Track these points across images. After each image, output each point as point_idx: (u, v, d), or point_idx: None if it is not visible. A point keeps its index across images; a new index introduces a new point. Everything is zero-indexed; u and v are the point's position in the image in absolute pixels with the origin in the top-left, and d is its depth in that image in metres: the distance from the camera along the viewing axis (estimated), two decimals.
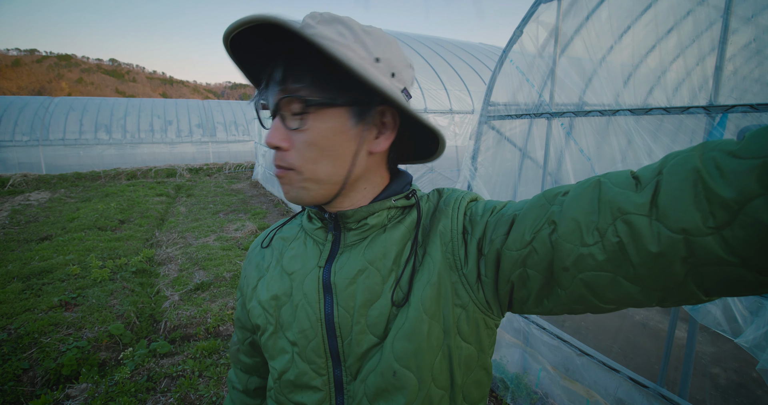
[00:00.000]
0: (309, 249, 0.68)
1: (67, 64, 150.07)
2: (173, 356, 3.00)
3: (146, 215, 7.10)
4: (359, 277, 0.62)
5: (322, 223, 0.68)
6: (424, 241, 0.63)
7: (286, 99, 0.57)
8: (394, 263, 0.62)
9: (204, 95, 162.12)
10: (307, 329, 0.64)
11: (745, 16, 1.62)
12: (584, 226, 0.44)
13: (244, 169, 13.50)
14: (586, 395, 2.15)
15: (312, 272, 0.65)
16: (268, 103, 0.59)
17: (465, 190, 0.67)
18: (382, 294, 0.61)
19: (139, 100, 14.56)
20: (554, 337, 2.35)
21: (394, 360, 0.59)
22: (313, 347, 0.63)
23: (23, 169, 11.07)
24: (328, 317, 0.63)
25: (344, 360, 0.63)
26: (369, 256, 0.63)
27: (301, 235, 0.71)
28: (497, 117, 2.74)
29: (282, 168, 0.59)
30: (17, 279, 4.13)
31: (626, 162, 2.06)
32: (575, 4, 2.32)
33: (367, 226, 0.65)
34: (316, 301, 0.64)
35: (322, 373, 0.64)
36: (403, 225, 0.64)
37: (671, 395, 1.80)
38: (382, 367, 0.60)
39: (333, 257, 0.65)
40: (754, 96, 1.66)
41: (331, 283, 0.64)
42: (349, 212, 0.64)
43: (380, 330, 0.61)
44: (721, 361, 2.83)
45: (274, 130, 0.58)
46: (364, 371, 0.62)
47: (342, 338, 0.63)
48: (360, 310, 0.62)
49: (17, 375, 2.66)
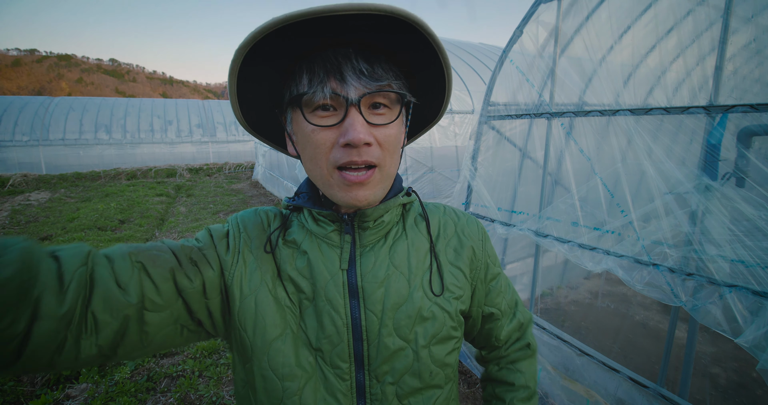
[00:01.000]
0: (325, 253, 0.64)
1: (67, 64, 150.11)
2: (173, 356, 3.00)
3: (146, 215, 7.10)
4: (387, 281, 0.64)
5: (335, 225, 0.65)
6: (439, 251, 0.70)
7: (378, 93, 0.55)
8: (418, 268, 0.66)
9: (204, 95, 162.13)
10: (333, 335, 0.62)
11: (745, 16, 1.62)
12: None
13: (244, 169, 13.50)
14: (586, 395, 2.15)
15: (335, 277, 0.63)
16: (329, 96, 0.53)
17: (479, 224, 0.77)
18: (409, 297, 0.64)
19: (139, 100, 14.56)
20: (554, 337, 2.35)
21: (431, 362, 0.64)
22: (338, 352, 0.62)
23: (23, 169, 11.07)
24: (355, 321, 0.62)
25: (368, 363, 0.63)
26: (395, 260, 0.65)
27: (312, 240, 0.66)
28: (497, 117, 2.74)
29: (368, 166, 0.56)
30: None
31: (626, 162, 2.06)
32: (575, 4, 2.32)
33: (384, 224, 0.66)
34: (342, 306, 0.62)
35: (346, 378, 0.62)
36: (418, 230, 0.70)
37: (671, 395, 1.80)
38: (419, 369, 0.63)
39: (353, 259, 0.64)
40: (754, 96, 1.66)
41: (357, 286, 0.63)
42: (369, 211, 0.63)
43: (406, 333, 0.63)
44: (721, 361, 2.83)
45: (359, 125, 0.54)
46: (396, 373, 0.63)
47: (368, 342, 0.63)
48: (388, 313, 0.63)
49: (17, 375, 2.66)
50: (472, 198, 2.88)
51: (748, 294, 1.49)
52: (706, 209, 1.65)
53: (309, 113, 0.56)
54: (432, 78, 0.63)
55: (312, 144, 0.57)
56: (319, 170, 0.58)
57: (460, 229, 0.73)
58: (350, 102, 0.53)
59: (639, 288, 1.81)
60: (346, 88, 0.53)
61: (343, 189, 0.57)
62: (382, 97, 0.56)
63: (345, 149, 0.54)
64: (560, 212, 2.30)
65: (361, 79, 0.53)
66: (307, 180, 0.70)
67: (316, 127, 0.55)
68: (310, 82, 0.54)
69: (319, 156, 0.57)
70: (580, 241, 2.15)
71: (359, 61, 0.54)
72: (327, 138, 0.55)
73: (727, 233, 1.59)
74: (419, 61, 0.59)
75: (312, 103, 0.55)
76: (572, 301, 3.77)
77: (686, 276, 1.69)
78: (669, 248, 1.77)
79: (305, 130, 0.57)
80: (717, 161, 1.65)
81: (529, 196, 2.75)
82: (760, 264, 1.48)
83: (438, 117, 0.71)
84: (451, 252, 0.71)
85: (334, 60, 0.54)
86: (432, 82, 0.64)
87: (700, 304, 1.62)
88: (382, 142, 0.57)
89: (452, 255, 0.70)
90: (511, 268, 3.27)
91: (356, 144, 0.53)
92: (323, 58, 0.55)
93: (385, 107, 0.57)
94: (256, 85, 0.59)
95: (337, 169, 0.56)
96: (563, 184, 2.61)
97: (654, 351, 2.98)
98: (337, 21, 0.49)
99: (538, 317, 2.53)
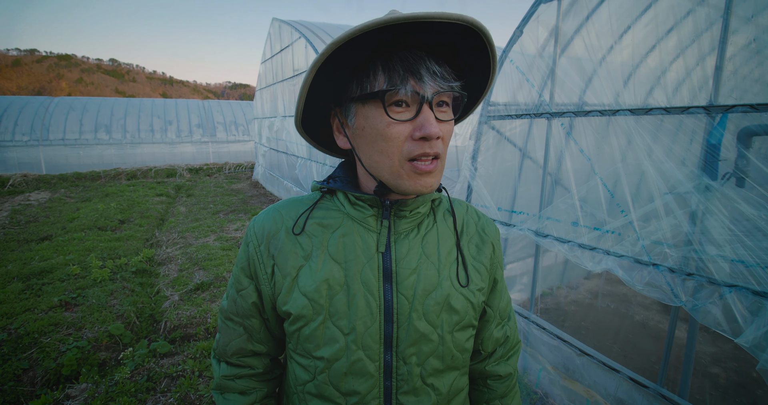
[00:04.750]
0: (362, 237, 0.69)
1: (67, 64, 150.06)
2: (173, 356, 2.99)
3: (146, 215, 7.10)
4: (419, 268, 0.69)
5: (374, 210, 0.70)
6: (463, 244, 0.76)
7: (446, 92, 0.61)
8: (446, 259, 0.72)
9: (204, 95, 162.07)
10: (366, 316, 0.66)
11: (745, 16, 1.62)
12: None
13: (244, 169, 13.49)
14: (586, 395, 2.15)
15: (371, 260, 0.68)
16: (410, 93, 0.59)
17: (495, 226, 0.84)
18: (438, 285, 0.70)
19: (139, 100, 14.54)
20: (554, 337, 2.35)
21: (453, 347, 0.71)
22: (370, 333, 0.67)
23: (23, 169, 11.06)
24: (387, 304, 0.67)
25: (396, 345, 0.68)
26: (426, 249, 0.71)
27: (348, 223, 0.70)
28: (497, 117, 2.74)
29: (435, 157, 0.62)
30: (17, 279, 4.13)
31: (626, 162, 2.06)
32: (575, 4, 2.32)
33: (419, 215, 0.72)
34: (377, 288, 0.67)
35: (375, 358, 0.67)
36: (446, 225, 0.76)
37: (671, 395, 1.80)
38: (442, 352, 0.70)
39: (388, 245, 0.69)
40: (754, 96, 1.66)
41: (392, 271, 0.68)
42: (409, 201, 0.69)
43: (434, 318, 0.69)
44: (721, 361, 2.83)
45: (434, 120, 0.60)
46: (422, 355, 0.69)
47: (398, 324, 0.68)
48: (419, 298, 0.68)
49: (17, 375, 2.65)
50: (472, 198, 2.88)
51: (748, 294, 1.49)
52: (706, 209, 1.65)
53: (387, 108, 0.61)
54: (476, 85, 0.71)
55: (385, 137, 0.61)
56: (390, 161, 0.62)
57: (481, 228, 0.80)
58: (425, 99, 0.59)
59: (639, 288, 1.81)
60: (423, 87, 0.59)
61: (412, 177, 0.62)
62: (446, 97, 0.63)
63: (418, 142, 0.60)
64: (560, 212, 2.30)
65: (435, 80, 0.59)
66: (342, 166, 0.76)
67: (393, 121, 0.60)
68: (390, 80, 0.59)
69: (392, 148, 0.61)
70: (580, 241, 2.15)
71: (432, 63, 0.60)
72: (402, 131, 0.60)
73: (727, 233, 1.59)
74: (472, 69, 0.68)
75: (390, 99, 0.60)
76: (572, 301, 3.77)
77: (686, 276, 1.69)
78: (669, 248, 1.77)
79: (380, 124, 0.61)
80: (717, 161, 1.65)
81: (529, 196, 2.75)
82: (760, 264, 1.48)
83: (467, 115, 0.79)
84: (473, 247, 0.77)
85: (412, 60, 0.59)
86: (472, 87, 0.72)
87: (700, 304, 1.62)
88: (445, 136, 0.63)
89: (474, 250, 0.77)
90: (511, 268, 3.26)
91: (431, 137, 0.59)
92: (401, 58, 0.60)
93: (446, 105, 0.64)
94: (324, 80, 0.64)
95: (408, 161, 0.61)
96: (563, 184, 2.61)
97: (654, 351, 2.98)
98: (413, 27, 0.56)
99: (538, 317, 2.53)
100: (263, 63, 9.64)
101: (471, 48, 0.63)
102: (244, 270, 0.74)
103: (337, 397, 0.68)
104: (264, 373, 0.81)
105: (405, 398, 0.69)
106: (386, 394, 0.68)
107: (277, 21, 8.25)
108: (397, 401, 0.69)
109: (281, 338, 0.80)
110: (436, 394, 0.71)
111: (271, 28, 8.76)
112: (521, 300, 3.22)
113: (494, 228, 0.82)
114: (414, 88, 0.59)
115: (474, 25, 0.56)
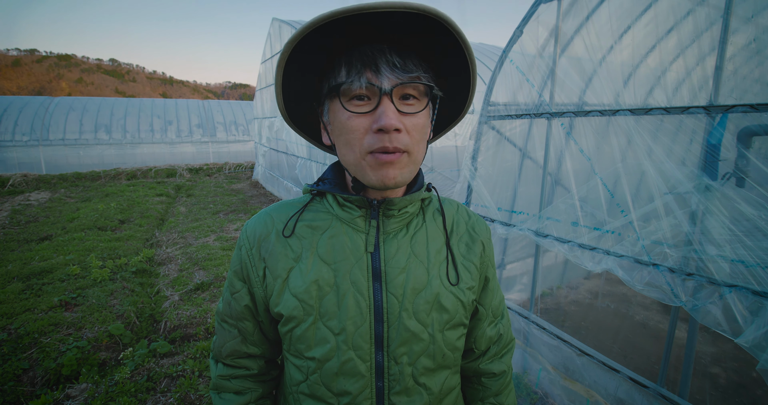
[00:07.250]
0: (351, 238, 0.69)
1: (67, 64, 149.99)
2: (173, 356, 2.99)
3: (146, 215, 7.10)
4: (408, 267, 0.69)
5: (362, 211, 0.70)
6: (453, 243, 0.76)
7: (409, 84, 0.60)
8: (435, 258, 0.72)
9: (204, 95, 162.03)
10: (356, 316, 0.66)
11: (745, 16, 1.62)
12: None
13: (244, 169, 13.49)
14: (586, 395, 2.15)
15: (360, 261, 0.68)
16: (365, 86, 0.59)
17: (486, 224, 0.84)
18: (428, 284, 0.70)
19: (139, 100, 14.54)
20: (554, 337, 2.35)
21: (444, 346, 0.71)
22: (360, 333, 0.66)
23: (23, 169, 11.06)
24: (377, 303, 0.67)
25: (387, 345, 0.68)
26: (415, 248, 0.71)
27: (336, 224, 0.71)
28: (497, 117, 2.74)
29: (397, 151, 0.61)
30: (17, 279, 4.13)
31: (626, 162, 2.05)
32: (575, 4, 2.32)
33: (407, 214, 0.72)
34: (366, 288, 0.67)
35: (366, 358, 0.67)
36: (436, 224, 0.75)
37: (671, 395, 1.80)
38: (433, 351, 0.70)
39: (377, 245, 0.69)
40: (754, 96, 1.65)
41: (381, 270, 0.68)
42: (396, 200, 0.69)
43: (424, 317, 0.69)
44: (721, 361, 2.83)
45: (391, 112, 0.59)
46: (413, 355, 0.68)
47: (388, 323, 0.67)
48: (408, 297, 0.68)
49: (17, 375, 2.65)
50: (472, 198, 2.88)
51: (748, 294, 1.49)
52: (706, 209, 1.65)
53: (346, 102, 0.61)
54: (459, 84, 0.70)
55: (347, 130, 0.61)
56: (353, 154, 0.63)
57: (471, 227, 0.80)
58: (383, 91, 0.59)
59: (639, 288, 1.81)
60: (380, 79, 0.59)
61: (374, 168, 0.61)
62: (412, 89, 0.61)
63: (377, 135, 0.59)
64: (560, 212, 2.30)
65: (393, 71, 0.59)
66: (332, 168, 0.77)
67: (352, 113, 0.60)
68: (348, 73, 0.60)
69: (353, 141, 0.62)
70: (580, 241, 2.15)
71: (392, 55, 0.60)
72: (361, 124, 0.60)
73: (727, 233, 1.59)
74: (450, 66, 0.67)
75: (349, 93, 0.60)
76: (572, 301, 3.77)
77: (686, 276, 1.69)
78: (669, 248, 1.77)
79: (342, 117, 0.62)
80: (717, 161, 1.65)
81: (529, 196, 2.75)
82: (760, 264, 1.48)
83: (460, 116, 0.78)
84: (463, 246, 0.77)
85: (370, 54, 0.60)
86: (458, 88, 0.71)
87: (700, 304, 1.62)
88: (411, 129, 0.61)
89: (464, 249, 0.77)
90: (511, 268, 3.26)
91: (387, 129, 0.58)
92: (360, 52, 0.60)
93: (414, 99, 0.63)
94: (297, 79, 0.65)
95: (369, 153, 0.61)
96: (563, 184, 2.61)
97: (654, 351, 2.98)
98: (373, 19, 0.55)
99: (538, 317, 2.53)
100: (263, 63, 9.64)
101: (451, 45, 0.61)
102: (237, 273, 0.75)
103: (329, 398, 0.68)
104: (259, 374, 0.81)
105: (397, 398, 0.68)
106: (378, 394, 0.68)
107: (277, 21, 8.25)
108: (389, 402, 0.69)
109: (276, 340, 0.80)
110: (428, 393, 0.71)
111: (271, 28, 8.77)
112: (521, 300, 3.22)
113: (485, 227, 0.82)
114: (370, 81, 0.58)
115: (436, 16, 0.54)
